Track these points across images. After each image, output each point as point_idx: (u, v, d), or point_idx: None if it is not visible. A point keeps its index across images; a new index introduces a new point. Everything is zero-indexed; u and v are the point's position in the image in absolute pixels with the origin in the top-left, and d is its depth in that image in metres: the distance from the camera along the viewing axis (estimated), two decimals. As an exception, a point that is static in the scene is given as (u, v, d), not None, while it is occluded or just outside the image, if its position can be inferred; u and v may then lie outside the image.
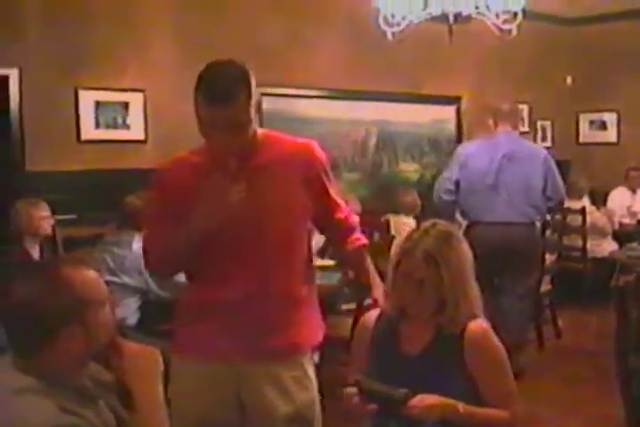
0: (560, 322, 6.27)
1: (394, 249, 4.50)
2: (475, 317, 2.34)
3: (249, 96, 2.31)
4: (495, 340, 2.33)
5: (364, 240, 2.69)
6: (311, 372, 2.51)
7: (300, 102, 6.81)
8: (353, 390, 2.23)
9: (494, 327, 2.37)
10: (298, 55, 6.70)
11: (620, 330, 3.51)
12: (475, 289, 2.36)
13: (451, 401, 2.19)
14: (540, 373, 5.29)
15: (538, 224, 5.49)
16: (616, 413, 3.56)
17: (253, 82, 2.35)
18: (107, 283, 1.96)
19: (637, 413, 3.45)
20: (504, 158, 5.15)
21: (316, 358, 2.96)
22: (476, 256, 2.41)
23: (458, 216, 5.61)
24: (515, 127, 5.35)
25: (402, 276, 2.32)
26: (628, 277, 3.77)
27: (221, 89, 2.28)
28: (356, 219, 2.69)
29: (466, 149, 5.48)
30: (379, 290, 2.59)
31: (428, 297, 2.29)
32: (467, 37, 5.57)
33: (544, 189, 5.21)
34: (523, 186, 5.14)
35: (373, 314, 2.49)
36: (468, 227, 5.32)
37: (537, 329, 5.96)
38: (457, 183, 5.28)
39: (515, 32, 4.81)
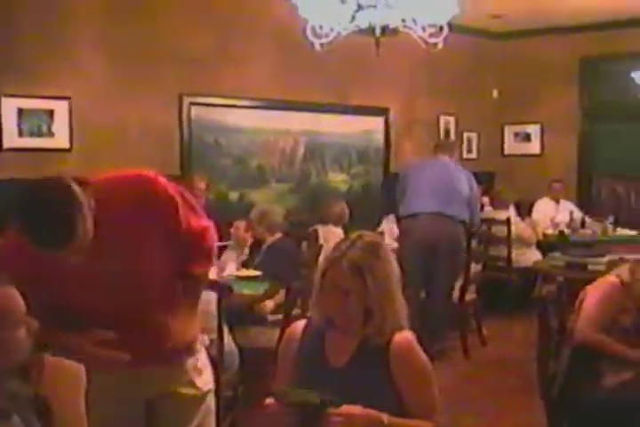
0: (485, 331, 6.37)
1: (321, 258, 4.53)
2: (401, 328, 2.34)
3: (84, 223, 2.02)
4: (420, 352, 2.33)
5: (205, 268, 2.59)
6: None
7: (229, 112, 6.77)
8: (272, 400, 2.20)
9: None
10: (227, 65, 6.67)
11: (541, 338, 3.59)
12: (401, 300, 2.36)
13: (375, 412, 2.18)
14: (465, 381, 5.36)
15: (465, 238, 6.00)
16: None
17: (83, 199, 2.02)
18: None
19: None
20: (435, 170, 5.99)
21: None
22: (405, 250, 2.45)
23: None
24: (451, 157, 6.21)
25: (328, 285, 2.31)
26: (550, 287, 3.85)
27: (51, 235, 1.96)
28: (210, 240, 2.55)
29: (407, 166, 6.52)
30: None
31: (354, 308, 2.29)
32: (395, 50, 5.62)
33: (469, 200, 5.92)
34: (450, 188, 5.87)
35: (300, 325, 2.48)
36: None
37: (462, 338, 6.03)
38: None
39: (441, 45, 4.87)
